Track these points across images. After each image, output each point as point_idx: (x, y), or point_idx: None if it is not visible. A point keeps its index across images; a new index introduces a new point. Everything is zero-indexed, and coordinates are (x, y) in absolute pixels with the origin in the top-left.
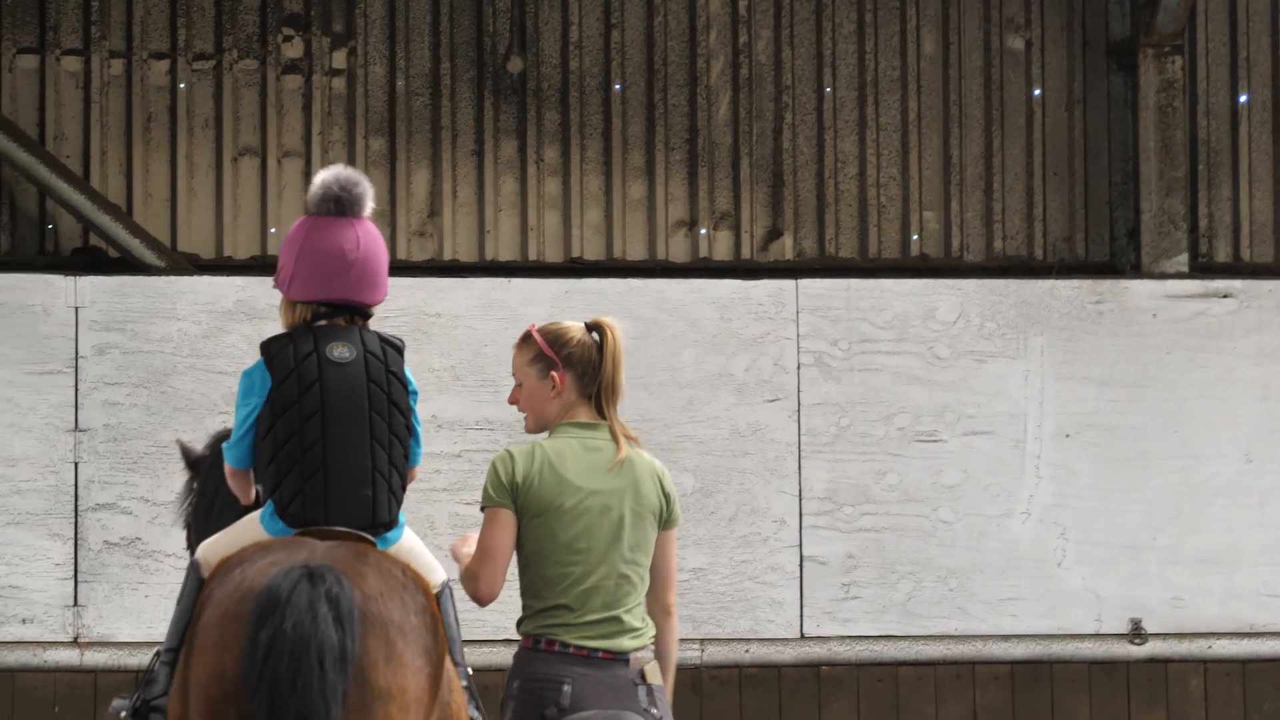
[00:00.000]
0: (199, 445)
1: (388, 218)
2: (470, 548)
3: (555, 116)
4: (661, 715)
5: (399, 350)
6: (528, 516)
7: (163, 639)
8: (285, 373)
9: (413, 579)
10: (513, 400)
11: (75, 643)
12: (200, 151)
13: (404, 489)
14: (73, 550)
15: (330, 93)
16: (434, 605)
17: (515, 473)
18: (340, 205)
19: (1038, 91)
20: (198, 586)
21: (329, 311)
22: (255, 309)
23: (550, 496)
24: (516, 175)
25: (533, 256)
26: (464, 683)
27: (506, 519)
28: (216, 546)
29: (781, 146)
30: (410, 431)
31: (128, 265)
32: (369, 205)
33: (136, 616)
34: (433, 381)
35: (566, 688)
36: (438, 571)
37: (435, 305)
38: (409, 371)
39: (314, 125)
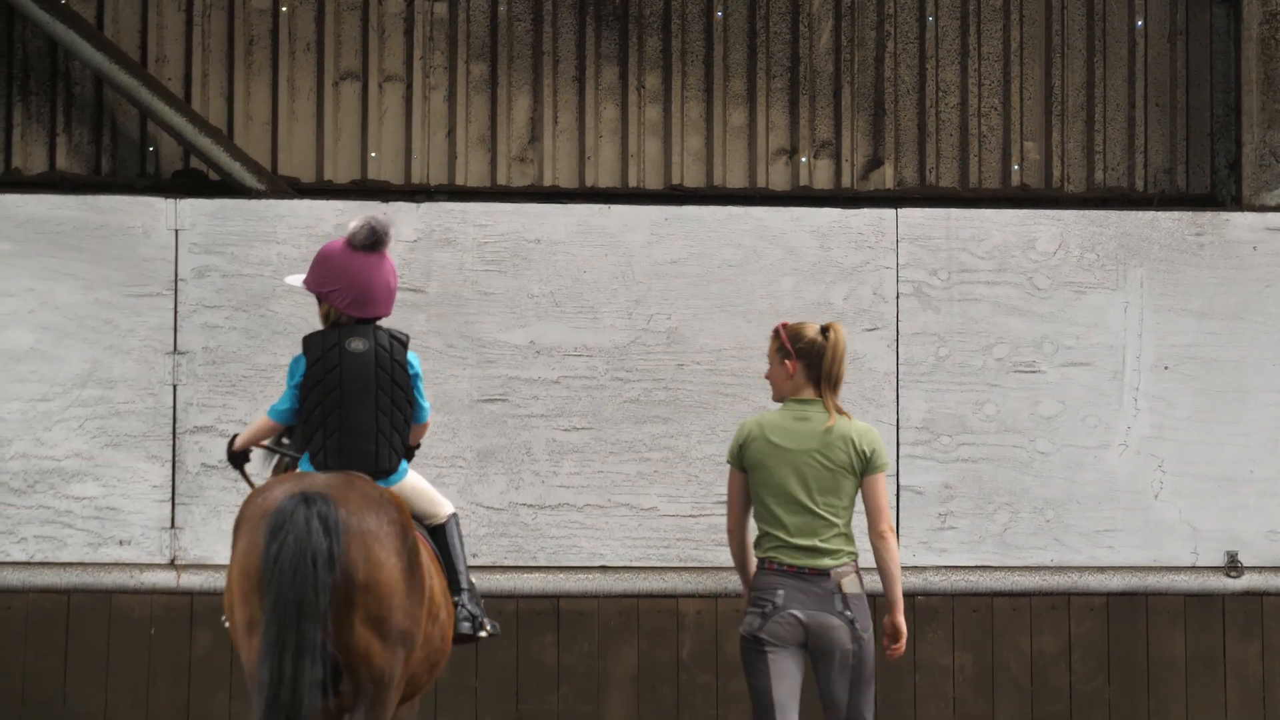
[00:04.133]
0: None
1: (488, 143)
2: None
3: (657, 43)
4: (854, 617)
5: (403, 343)
6: (749, 470)
7: None
8: (315, 359)
9: (389, 498)
10: (766, 377)
11: (172, 565)
12: (301, 75)
13: (404, 445)
14: (170, 473)
15: (432, 17)
16: (406, 517)
17: (740, 438)
18: (381, 245)
19: (1140, 22)
20: None
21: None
22: None
23: (761, 456)
24: (617, 102)
25: (633, 183)
26: (465, 585)
27: (734, 474)
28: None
29: (883, 75)
30: (412, 403)
31: (228, 188)
32: (392, 243)
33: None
34: (531, 308)
35: (780, 592)
36: (445, 506)
37: (535, 231)
38: (413, 357)
39: (415, 50)
